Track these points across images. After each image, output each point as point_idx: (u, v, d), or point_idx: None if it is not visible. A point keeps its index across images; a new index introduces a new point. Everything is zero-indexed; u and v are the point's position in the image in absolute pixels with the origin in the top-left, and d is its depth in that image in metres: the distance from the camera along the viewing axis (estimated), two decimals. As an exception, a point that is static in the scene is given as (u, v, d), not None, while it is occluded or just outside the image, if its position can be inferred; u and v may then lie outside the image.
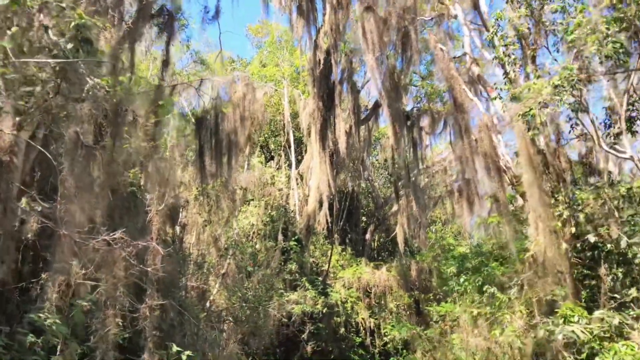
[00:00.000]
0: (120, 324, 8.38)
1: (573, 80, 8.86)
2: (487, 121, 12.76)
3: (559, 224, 10.05)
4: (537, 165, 10.28)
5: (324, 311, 18.64)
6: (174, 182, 14.78)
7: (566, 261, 9.87)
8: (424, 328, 16.91)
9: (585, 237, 10.18)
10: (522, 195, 12.45)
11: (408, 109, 21.81)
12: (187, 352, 9.27)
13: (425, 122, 20.48)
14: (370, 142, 25.50)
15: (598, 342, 8.94)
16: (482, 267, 14.45)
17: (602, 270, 9.91)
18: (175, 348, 9.22)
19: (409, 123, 20.53)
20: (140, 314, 6.95)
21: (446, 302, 17.03)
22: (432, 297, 20.07)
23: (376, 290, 20.30)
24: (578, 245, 10.72)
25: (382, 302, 20.07)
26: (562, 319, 9.13)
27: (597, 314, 9.48)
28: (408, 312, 19.64)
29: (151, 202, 12.96)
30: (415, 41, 16.42)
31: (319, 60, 20.97)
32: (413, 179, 23.22)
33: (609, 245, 10.45)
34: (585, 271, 10.81)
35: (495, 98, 12.79)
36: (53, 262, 6.83)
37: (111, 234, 6.39)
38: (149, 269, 6.99)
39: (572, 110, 9.75)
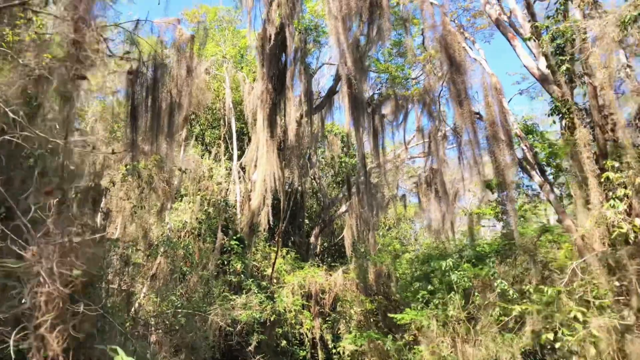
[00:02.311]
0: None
1: None
2: (496, 83, 10.76)
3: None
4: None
5: (272, 319, 16.07)
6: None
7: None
8: (391, 337, 14.64)
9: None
10: (558, 166, 10.50)
11: (367, 96, 19.85)
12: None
13: (387, 109, 18.54)
14: (322, 135, 23.27)
15: None
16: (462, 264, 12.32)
17: None
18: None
19: (369, 110, 18.54)
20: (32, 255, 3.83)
21: (411, 308, 14.94)
22: (392, 304, 17.91)
23: (329, 296, 17.90)
24: None
25: (342, 308, 17.69)
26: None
27: None
28: (372, 320, 17.31)
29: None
30: (386, 7, 14.33)
31: (270, 35, 18.47)
32: (369, 174, 21.23)
33: None
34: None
35: (530, 38, 10.82)
36: None
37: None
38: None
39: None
